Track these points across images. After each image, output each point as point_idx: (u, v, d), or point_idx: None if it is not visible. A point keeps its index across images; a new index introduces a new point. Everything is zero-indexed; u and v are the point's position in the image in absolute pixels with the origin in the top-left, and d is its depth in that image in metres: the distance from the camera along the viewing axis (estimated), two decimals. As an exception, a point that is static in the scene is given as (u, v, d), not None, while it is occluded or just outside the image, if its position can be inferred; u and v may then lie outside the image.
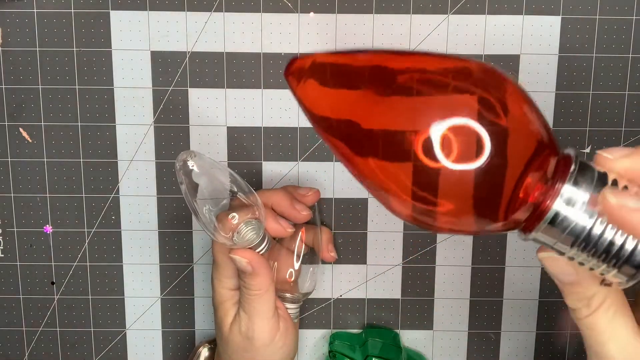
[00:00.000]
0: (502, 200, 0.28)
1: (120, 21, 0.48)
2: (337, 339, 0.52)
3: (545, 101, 0.49)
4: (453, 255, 0.51)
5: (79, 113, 0.49)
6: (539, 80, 0.49)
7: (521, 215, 0.29)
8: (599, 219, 0.27)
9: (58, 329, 0.52)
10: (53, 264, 0.51)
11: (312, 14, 0.48)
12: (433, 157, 0.27)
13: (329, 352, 0.51)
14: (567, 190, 0.27)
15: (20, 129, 0.49)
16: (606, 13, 0.48)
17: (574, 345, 0.53)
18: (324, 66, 0.30)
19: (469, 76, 0.29)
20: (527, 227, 0.29)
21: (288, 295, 0.46)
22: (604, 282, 0.29)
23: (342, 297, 0.52)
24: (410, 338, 0.53)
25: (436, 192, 0.28)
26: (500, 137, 0.28)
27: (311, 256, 0.49)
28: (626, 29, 0.48)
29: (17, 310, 0.52)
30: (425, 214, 0.29)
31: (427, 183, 0.28)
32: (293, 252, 0.46)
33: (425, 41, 0.48)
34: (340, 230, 0.51)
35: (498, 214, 0.29)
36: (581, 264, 0.28)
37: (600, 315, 0.30)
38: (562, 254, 0.29)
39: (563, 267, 0.30)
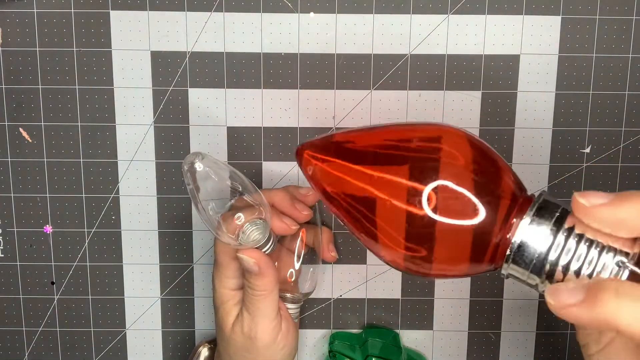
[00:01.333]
0: (490, 248, 0.31)
1: (120, 21, 0.48)
2: (337, 339, 0.52)
3: (545, 101, 0.49)
4: (453, 255, 0.51)
5: (79, 113, 0.49)
6: (539, 80, 0.49)
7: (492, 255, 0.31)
8: (556, 245, 0.28)
9: (58, 329, 0.52)
10: (53, 264, 0.51)
11: (312, 14, 0.48)
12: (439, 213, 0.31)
13: (329, 352, 0.51)
14: (525, 225, 0.29)
15: (20, 129, 0.49)
16: (606, 13, 0.48)
17: (574, 345, 0.53)
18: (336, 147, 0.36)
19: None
20: (496, 263, 0.31)
21: (288, 295, 0.46)
22: None
23: (342, 297, 0.52)
24: (410, 338, 0.53)
25: (432, 245, 0.32)
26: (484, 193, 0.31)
27: (311, 256, 0.49)
28: (626, 29, 0.48)
29: (17, 310, 0.52)
30: (420, 264, 0.33)
31: (426, 237, 0.32)
32: (293, 252, 0.46)
33: (425, 41, 0.48)
34: (340, 230, 0.51)
35: (485, 260, 0.32)
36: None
37: (609, 352, 0.29)
38: (534, 286, 0.30)
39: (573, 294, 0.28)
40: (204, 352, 0.50)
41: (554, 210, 0.29)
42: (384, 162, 0.33)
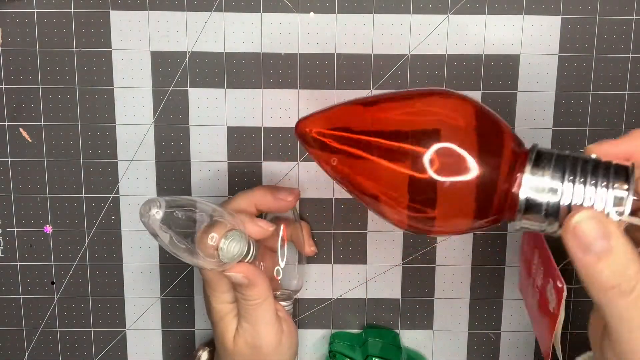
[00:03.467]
0: (495, 200, 0.32)
1: (120, 21, 0.48)
2: (337, 339, 0.52)
3: (545, 101, 0.49)
4: (453, 255, 0.51)
5: (79, 113, 0.49)
6: (539, 80, 0.49)
7: (502, 207, 0.32)
8: (568, 192, 0.30)
9: (58, 329, 0.52)
10: (53, 264, 0.51)
11: (312, 14, 0.48)
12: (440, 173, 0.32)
13: (329, 352, 0.51)
14: (527, 177, 0.31)
15: (20, 129, 0.49)
16: (606, 13, 0.48)
17: (573, 345, 0.53)
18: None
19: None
20: (510, 217, 0.32)
21: (278, 293, 0.46)
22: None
23: (342, 297, 0.52)
24: (410, 338, 0.53)
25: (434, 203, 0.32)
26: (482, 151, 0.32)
27: (294, 252, 0.49)
28: (626, 29, 0.48)
29: (17, 310, 0.52)
30: (422, 221, 0.33)
31: (426, 196, 0.32)
32: (276, 250, 0.46)
33: (425, 41, 0.48)
34: (340, 230, 0.51)
35: (492, 214, 0.33)
36: None
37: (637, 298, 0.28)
38: (553, 233, 0.31)
39: (593, 229, 0.29)
40: (204, 355, 0.50)
41: (551, 157, 0.31)
42: (388, 136, 0.34)
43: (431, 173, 0.31)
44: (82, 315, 0.52)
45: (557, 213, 0.30)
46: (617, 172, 0.30)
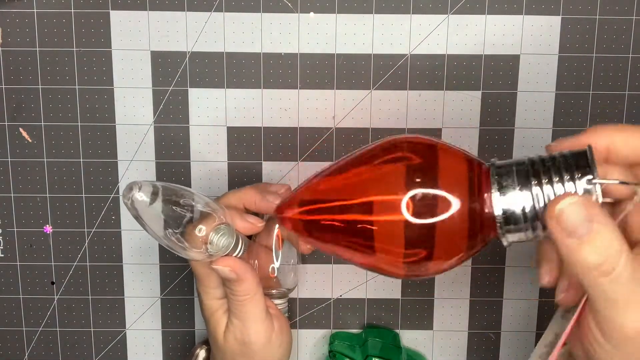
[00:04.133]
0: (474, 226, 0.33)
1: (120, 21, 0.48)
2: (337, 339, 0.52)
3: (545, 101, 0.49)
4: (453, 255, 0.51)
5: (79, 113, 0.49)
6: (539, 80, 0.49)
7: (486, 231, 0.33)
8: (540, 197, 0.31)
9: (58, 329, 0.52)
10: (53, 264, 0.51)
11: (312, 14, 0.48)
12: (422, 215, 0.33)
13: (329, 352, 0.51)
14: (496, 195, 0.32)
15: (20, 129, 0.49)
16: (606, 13, 0.48)
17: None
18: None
19: (403, 148, 0.35)
20: (496, 236, 0.33)
21: (274, 291, 0.46)
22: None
23: (342, 297, 0.52)
24: (410, 338, 0.53)
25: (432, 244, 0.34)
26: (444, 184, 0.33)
27: (290, 250, 0.49)
28: (626, 29, 0.48)
29: (17, 310, 0.52)
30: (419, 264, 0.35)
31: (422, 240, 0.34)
32: (271, 248, 0.45)
33: (425, 41, 0.48)
34: (340, 230, 0.51)
35: (478, 240, 0.34)
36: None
37: (622, 278, 0.29)
38: (536, 237, 0.32)
39: (577, 213, 0.29)
40: (202, 353, 0.50)
41: (511, 167, 0.32)
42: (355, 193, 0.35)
43: (407, 216, 0.33)
44: (82, 315, 0.52)
45: (536, 216, 0.31)
46: (578, 161, 0.31)
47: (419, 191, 0.33)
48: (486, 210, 0.32)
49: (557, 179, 0.31)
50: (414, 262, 0.34)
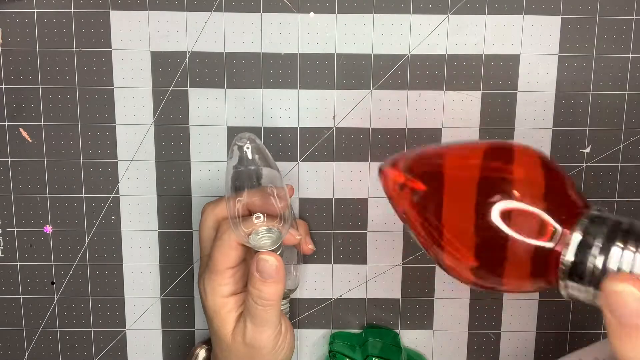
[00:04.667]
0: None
1: (120, 21, 0.48)
2: (337, 339, 0.52)
3: (545, 101, 0.49)
4: (453, 255, 0.51)
5: (79, 113, 0.49)
6: (539, 80, 0.49)
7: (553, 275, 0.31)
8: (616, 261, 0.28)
9: (58, 329, 0.52)
10: (53, 264, 0.51)
11: (312, 14, 0.48)
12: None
13: (329, 352, 0.51)
14: (575, 242, 0.29)
15: (20, 129, 0.49)
16: (606, 13, 0.48)
17: (574, 345, 0.53)
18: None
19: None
20: (555, 279, 0.31)
21: None
22: None
23: (342, 297, 0.52)
24: (410, 338, 0.53)
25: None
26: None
27: (291, 252, 0.49)
28: (626, 29, 0.48)
29: (17, 310, 0.52)
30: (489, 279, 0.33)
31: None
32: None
33: (425, 41, 0.48)
34: (340, 230, 0.51)
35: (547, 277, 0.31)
36: None
37: None
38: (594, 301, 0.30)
39: (632, 304, 0.28)
40: (202, 353, 0.50)
41: (605, 225, 0.29)
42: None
43: (504, 227, 0.31)
44: (82, 315, 0.52)
45: (599, 279, 0.29)
46: None
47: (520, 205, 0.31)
48: (557, 249, 0.30)
49: None
50: (482, 271, 0.32)
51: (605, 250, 0.28)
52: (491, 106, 0.49)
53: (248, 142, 0.41)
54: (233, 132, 0.50)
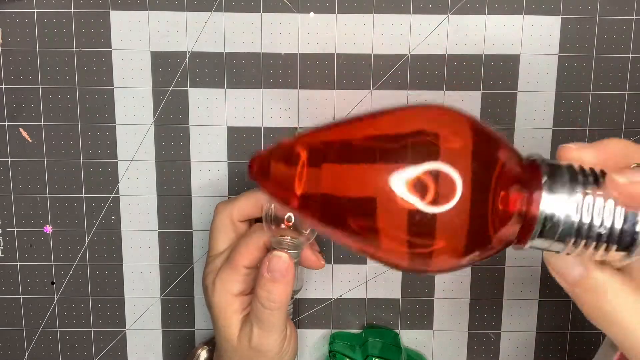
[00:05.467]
0: (488, 223, 0.29)
1: (120, 21, 0.48)
2: (337, 339, 0.52)
3: (545, 101, 0.49)
4: (453, 255, 0.51)
5: (79, 113, 0.49)
6: (539, 80, 0.49)
7: (509, 230, 0.29)
8: (585, 210, 0.28)
9: (58, 329, 0.52)
10: (53, 264, 0.51)
11: (312, 14, 0.48)
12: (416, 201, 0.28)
13: (329, 352, 0.51)
14: (546, 195, 0.28)
15: (20, 129, 0.49)
16: (606, 13, 0.48)
17: (574, 345, 0.53)
18: (289, 148, 0.32)
19: (428, 121, 0.30)
20: (520, 239, 0.30)
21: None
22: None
23: (342, 297, 0.52)
24: (410, 338, 0.53)
25: (432, 235, 0.29)
26: (463, 166, 0.29)
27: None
28: (626, 29, 0.48)
29: (17, 310, 0.52)
30: (422, 258, 0.30)
31: (424, 229, 0.29)
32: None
33: (425, 41, 0.48)
34: (340, 230, 0.51)
35: (489, 237, 0.29)
36: (578, 253, 0.29)
37: (622, 309, 0.29)
38: (557, 252, 0.29)
39: (567, 260, 0.30)
40: (203, 354, 0.50)
41: (564, 171, 0.29)
42: (377, 158, 0.30)
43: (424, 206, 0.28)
44: (82, 315, 0.52)
45: (571, 231, 0.29)
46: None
47: (430, 166, 0.28)
48: (532, 211, 0.28)
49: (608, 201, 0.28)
50: (419, 253, 0.30)
51: (574, 206, 0.28)
52: (491, 106, 0.49)
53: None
54: (233, 132, 0.50)
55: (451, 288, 0.52)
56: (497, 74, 0.49)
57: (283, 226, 0.41)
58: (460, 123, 0.30)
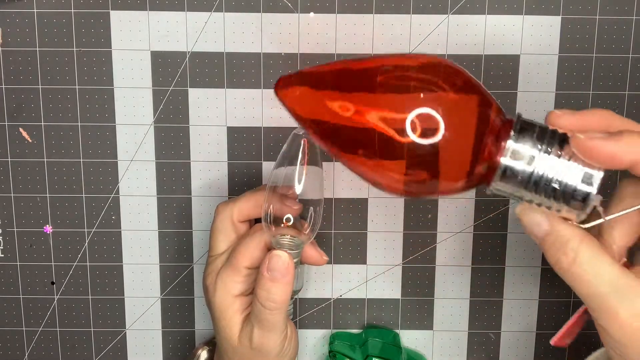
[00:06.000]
0: (466, 161, 0.34)
1: (120, 21, 0.48)
2: (337, 339, 0.52)
3: (545, 101, 0.49)
4: (453, 255, 0.51)
5: (79, 113, 0.49)
6: (539, 80, 0.49)
7: (480, 170, 0.34)
8: (540, 163, 0.32)
9: (58, 329, 0.52)
10: (53, 264, 0.51)
11: (312, 14, 0.48)
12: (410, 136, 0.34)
13: (329, 352, 0.51)
14: (511, 145, 0.32)
15: (20, 129, 0.49)
16: (606, 13, 0.48)
17: (574, 345, 0.53)
18: (309, 74, 0.37)
19: (430, 72, 0.36)
20: (487, 181, 0.34)
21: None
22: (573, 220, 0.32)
23: (342, 297, 0.52)
24: (410, 338, 0.53)
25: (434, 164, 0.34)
26: (453, 113, 0.34)
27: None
28: (626, 29, 0.48)
29: (17, 310, 0.52)
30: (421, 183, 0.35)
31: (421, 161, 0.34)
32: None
33: (425, 41, 0.48)
34: (340, 230, 0.51)
35: (463, 172, 0.34)
36: (539, 204, 0.32)
37: (581, 261, 0.31)
38: (520, 199, 0.33)
39: (535, 216, 0.33)
40: (203, 354, 0.50)
41: (534, 130, 0.32)
42: (371, 89, 0.35)
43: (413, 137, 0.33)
44: (82, 315, 0.52)
45: (530, 179, 0.32)
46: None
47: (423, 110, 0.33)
48: (498, 158, 0.33)
49: (567, 157, 0.31)
50: (414, 180, 0.34)
51: (533, 155, 0.32)
52: (491, 106, 0.49)
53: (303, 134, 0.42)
54: (233, 132, 0.50)
55: (451, 288, 0.52)
56: (497, 74, 0.49)
57: (282, 226, 0.41)
58: (458, 76, 0.36)
